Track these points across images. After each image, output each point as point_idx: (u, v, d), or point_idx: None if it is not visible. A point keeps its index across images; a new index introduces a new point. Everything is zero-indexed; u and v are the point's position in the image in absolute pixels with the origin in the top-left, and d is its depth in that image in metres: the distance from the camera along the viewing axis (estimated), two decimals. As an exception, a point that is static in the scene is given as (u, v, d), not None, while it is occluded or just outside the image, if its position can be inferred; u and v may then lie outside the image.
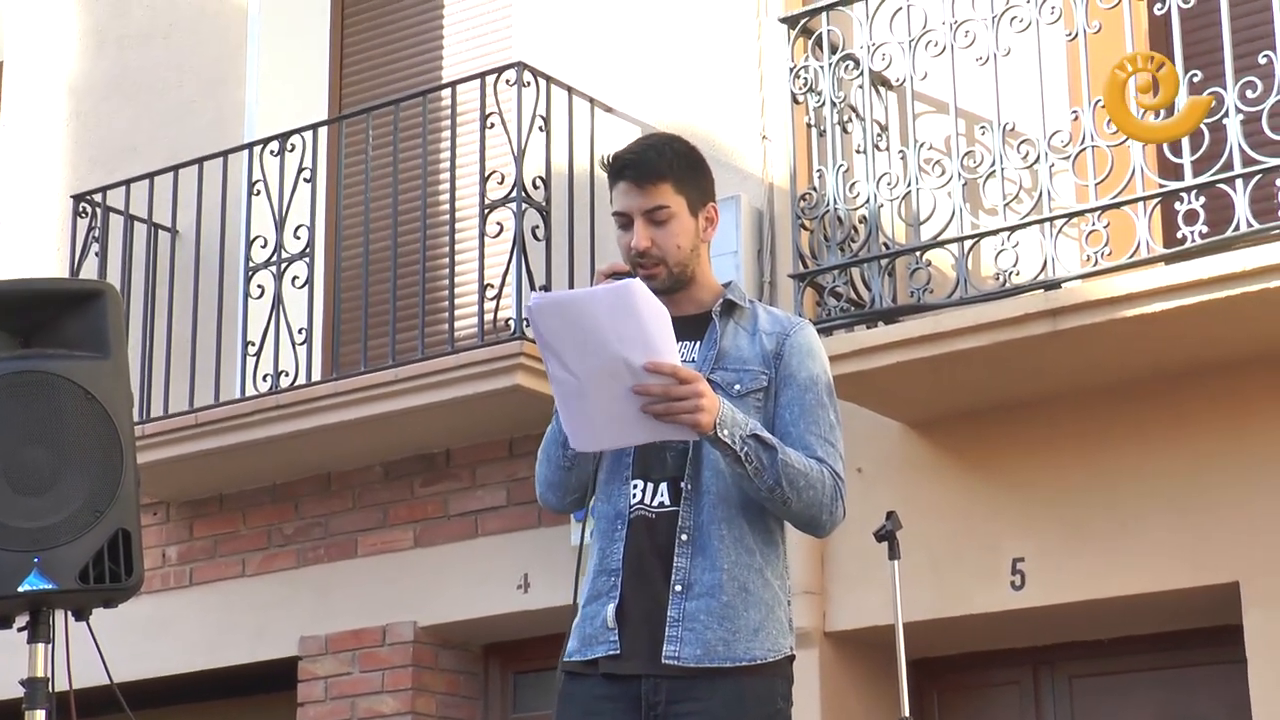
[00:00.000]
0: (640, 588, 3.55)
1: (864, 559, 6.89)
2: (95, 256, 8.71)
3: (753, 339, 3.67)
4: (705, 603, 3.52)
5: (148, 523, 8.42)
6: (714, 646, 3.51)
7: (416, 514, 8.25)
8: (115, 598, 3.97)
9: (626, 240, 3.65)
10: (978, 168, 6.79)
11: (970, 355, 6.58)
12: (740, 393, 3.60)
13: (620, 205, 3.65)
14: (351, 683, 8.26)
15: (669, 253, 3.63)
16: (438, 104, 8.37)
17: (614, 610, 3.54)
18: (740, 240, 7.43)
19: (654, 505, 3.58)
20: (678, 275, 3.65)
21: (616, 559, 3.57)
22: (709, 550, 3.55)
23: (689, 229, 3.65)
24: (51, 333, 4.02)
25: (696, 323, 3.68)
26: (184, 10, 9.56)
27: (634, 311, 3.36)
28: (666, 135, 3.83)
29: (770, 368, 3.64)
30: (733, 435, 3.45)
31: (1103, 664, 7.36)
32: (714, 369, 3.62)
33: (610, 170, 3.67)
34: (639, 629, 3.54)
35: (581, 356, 3.40)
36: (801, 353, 3.66)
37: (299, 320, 8.14)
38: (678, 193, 3.64)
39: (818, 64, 7.09)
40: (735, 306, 3.70)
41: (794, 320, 3.73)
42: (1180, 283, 6.17)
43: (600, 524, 3.63)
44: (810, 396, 3.64)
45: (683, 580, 3.54)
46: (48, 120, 9.87)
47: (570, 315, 3.39)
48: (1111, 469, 6.82)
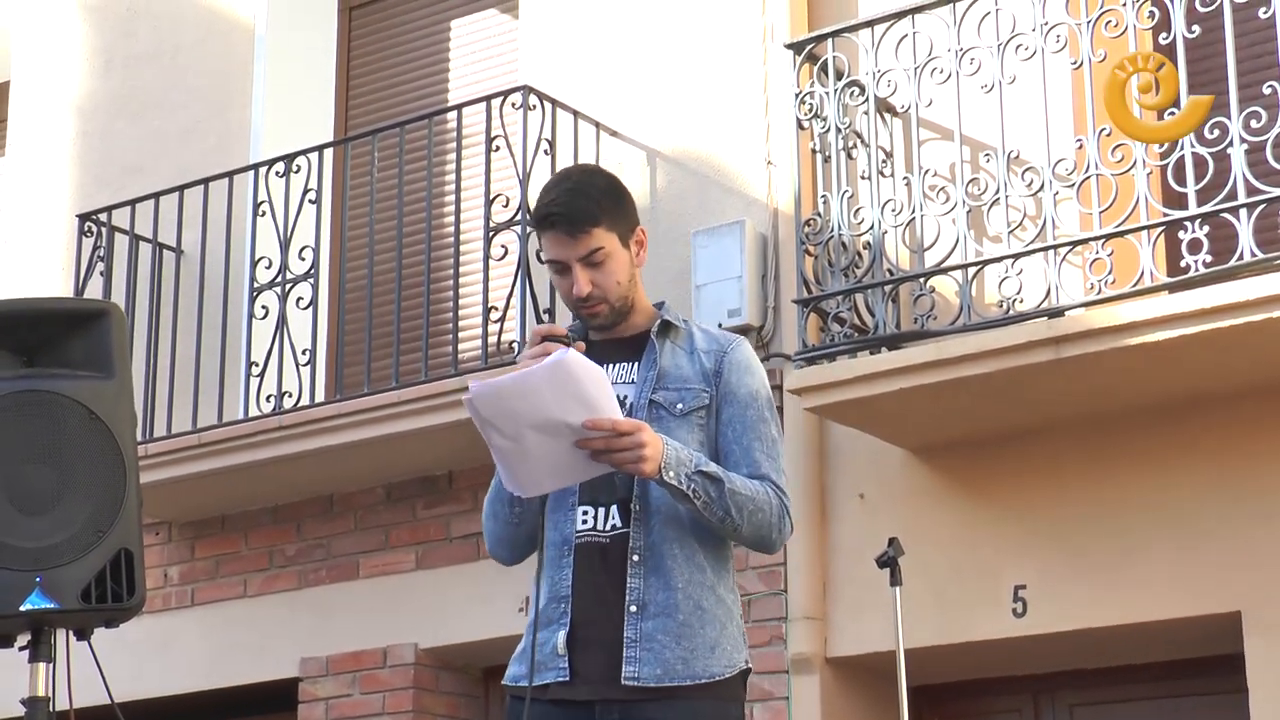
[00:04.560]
0: (594, 612, 3.57)
1: (866, 585, 6.89)
2: (100, 276, 8.72)
3: (691, 358, 3.70)
4: (662, 622, 3.55)
5: (150, 542, 8.40)
6: (673, 665, 3.53)
7: (418, 536, 8.25)
8: (117, 617, 3.96)
9: (566, 285, 3.66)
10: (982, 195, 6.80)
11: (973, 382, 6.59)
12: (683, 411, 3.64)
13: (554, 254, 3.66)
14: (352, 704, 8.25)
15: (610, 291, 3.66)
16: (443, 126, 8.38)
17: (564, 637, 3.57)
18: (744, 265, 7.44)
19: (606, 529, 3.61)
20: (619, 309, 3.69)
21: (566, 585, 3.59)
22: (662, 569, 3.57)
23: (625, 262, 3.68)
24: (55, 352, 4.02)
25: (632, 344, 3.72)
26: (190, 31, 9.58)
27: (574, 380, 3.39)
28: (585, 172, 3.86)
29: (711, 386, 3.67)
30: (679, 475, 3.49)
31: (1103, 692, 7.35)
32: (655, 389, 3.65)
33: (537, 221, 3.67)
34: (593, 653, 3.56)
35: (520, 428, 3.42)
36: (740, 369, 3.69)
37: (303, 341, 8.15)
38: (609, 231, 3.65)
39: (823, 90, 7.11)
40: (671, 326, 3.73)
41: (730, 337, 3.76)
42: (1184, 312, 6.17)
43: (548, 552, 3.63)
44: (751, 412, 3.67)
45: (638, 600, 3.56)
46: (54, 140, 9.88)
47: (509, 398, 3.41)
48: (1114, 497, 6.82)
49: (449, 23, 9.19)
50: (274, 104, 9.17)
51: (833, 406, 6.95)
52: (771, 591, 7.33)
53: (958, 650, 7.11)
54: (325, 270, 8.47)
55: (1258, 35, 6.78)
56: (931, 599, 6.98)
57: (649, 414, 3.61)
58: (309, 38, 9.37)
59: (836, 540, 7.30)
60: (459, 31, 9.14)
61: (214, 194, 8.57)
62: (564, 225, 3.62)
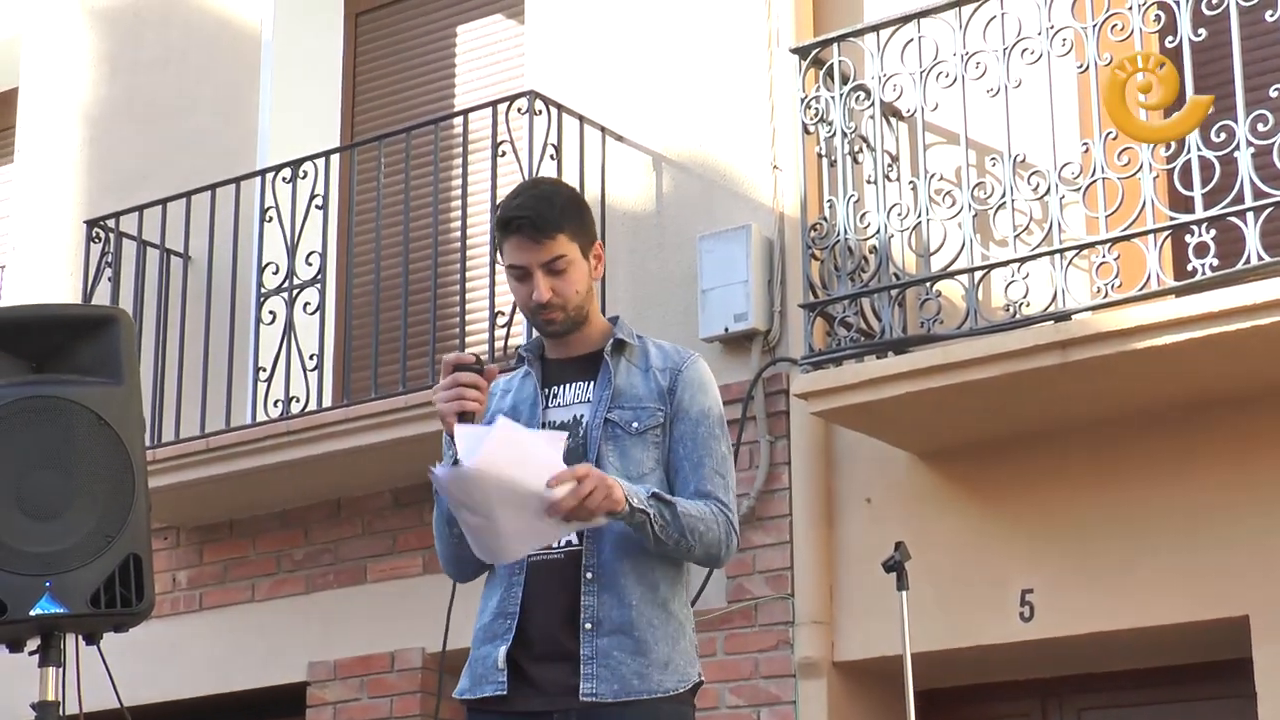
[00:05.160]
0: (550, 628, 3.61)
1: (872, 590, 6.89)
2: (108, 282, 8.73)
3: (646, 375, 3.74)
4: (618, 639, 3.59)
5: (158, 547, 8.40)
6: (630, 681, 3.58)
7: (426, 541, 8.22)
8: (126, 622, 3.98)
9: (525, 292, 3.70)
10: (988, 199, 6.80)
11: (980, 386, 6.59)
12: (638, 430, 3.68)
13: (516, 259, 3.70)
14: (360, 708, 8.26)
15: (568, 299, 3.70)
16: (450, 132, 8.40)
17: (505, 653, 3.62)
18: (750, 270, 7.44)
19: (560, 546, 3.64)
20: (574, 318, 3.73)
21: (515, 603, 3.65)
22: (615, 587, 3.62)
23: (584, 272, 3.73)
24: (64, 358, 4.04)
25: (588, 362, 3.76)
26: (197, 38, 9.60)
27: (519, 444, 3.44)
28: (549, 183, 3.92)
29: (665, 404, 3.72)
30: (643, 503, 3.54)
31: (1111, 697, 7.34)
32: (610, 408, 3.69)
33: (501, 225, 3.72)
34: (549, 666, 3.60)
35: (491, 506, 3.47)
36: (693, 387, 3.73)
37: (310, 346, 8.16)
38: (572, 240, 3.70)
39: (829, 94, 7.11)
40: (625, 344, 3.77)
41: (685, 354, 3.80)
42: (1190, 315, 6.17)
43: (499, 569, 3.69)
44: (702, 429, 3.71)
45: (592, 618, 3.60)
46: (62, 146, 9.90)
47: (471, 482, 3.45)
48: (1121, 501, 6.82)
49: (455, 28, 9.20)
50: (281, 110, 9.19)
51: (839, 411, 6.95)
52: (778, 596, 7.33)
53: (965, 654, 7.11)
54: (332, 275, 8.49)
55: (1264, 38, 6.79)
56: (938, 603, 6.98)
57: (604, 433, 3.66)
58: (316, 44, 9.39)
59: (843, 545, 7.30)
60: (465, 37, 9.15)
61: (221, 200, 8.58)
62: (529, 230, 3.67)
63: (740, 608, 7.35)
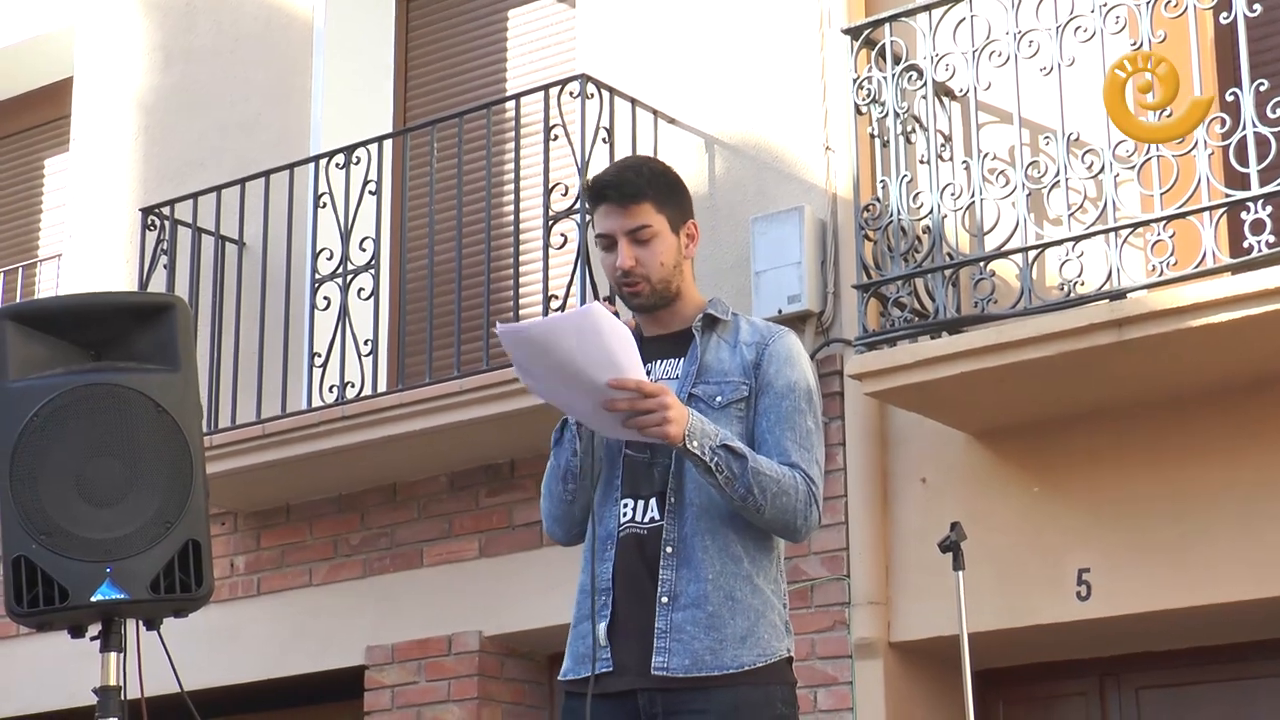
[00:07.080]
0: (633, 603, 3.62)
1: (929, 570, 6.88)
2: (164, 269, 8.78)
3: (734, 350, 3.74)
4: (691, 613, 3.59)
5: (216, 533, 8.47)
6: (701, 656, 3.57)
7: (481, 524, 8.28)
8: (185, 607, 4.01)
9: (611, 260, 3.73)
10: (1042, 178, 6.77)
11: (1035, 366, 6.57)
12: (721, 404, 3.68)
13: (603, 227, 3.74)
14: (418, 692, 8.30)
15: (652, 270, 3.71)
16: (502, 116, 8.41)
17: (605, 628, 3.62)
18: (804, 251, 7.43)
19: (645, 521, 3.66)
20: (660, 292, 3.73)
21: (607, 578, 3.65)
22: (693, 561, 3.61)
23: (671, 246, 3.73)
24: (122, 346, 4.07)
25: (680, 339, 3.77)
26: (250, 25, 9.64)
27: (597, 332, 3.45)
28: (643, 157, 3.94)
29: (750, 377, 3.71)
30: (702, 446, 3.53)
31: (1171, 675, 7.32)
32: (696, 383, 3.69)
33: (590, 194, 3.77)
34: (631, 643, 3.61)
35: (551, 379, 3.51)
36: (780, 360, 3.72)
37: (365, 332, 8.19)
38: (658, 211, 3.72)
39: (881, 75, 7.09)
40: (717, 320, 3.77)
41: (774, 329, 3.79)
42: (1246, 292, 6.14)
43: (595, 545, 3.69)
44: (787, 403, 3.69)
45: (669, 592, 3.61)
46: (117, 135, 9.96)
47: (536, 343, 3.49)
48: (1177, 479, 6.79)
49: (506, 12, 9.21)
50: (333, 96, 9.22)
51: (894, 391, 6.94)
52: (834, 577, 7.33)
53: (1022, 634, 7.10)
54: (386, 261, 8.52)
55: (1319, 13, 6.74)
56: (995, 583, 6.97)
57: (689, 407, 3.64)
58: (367, 29, 9.41)
59: (899, 525, 7.29)
60: (516, 21, 9.16)
61: (275, 186, 8.62)
62: (614, 196, 3.71)
63: (796, 589, 7.34)
